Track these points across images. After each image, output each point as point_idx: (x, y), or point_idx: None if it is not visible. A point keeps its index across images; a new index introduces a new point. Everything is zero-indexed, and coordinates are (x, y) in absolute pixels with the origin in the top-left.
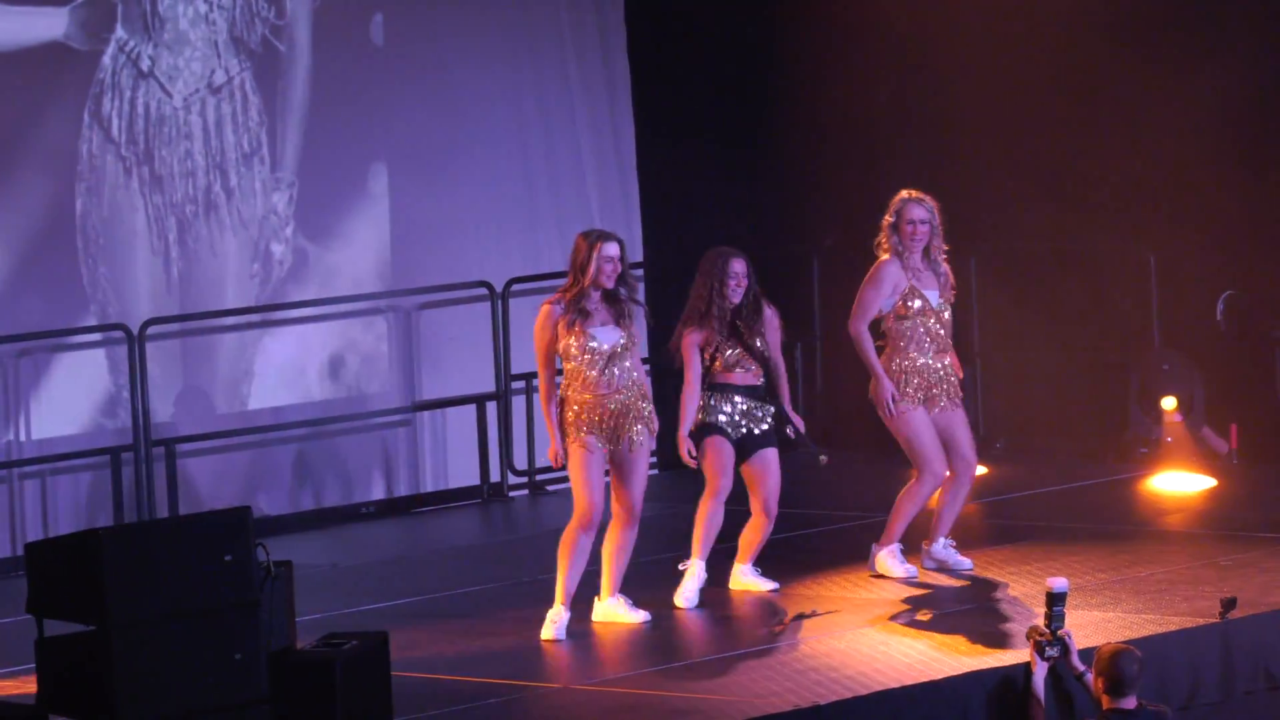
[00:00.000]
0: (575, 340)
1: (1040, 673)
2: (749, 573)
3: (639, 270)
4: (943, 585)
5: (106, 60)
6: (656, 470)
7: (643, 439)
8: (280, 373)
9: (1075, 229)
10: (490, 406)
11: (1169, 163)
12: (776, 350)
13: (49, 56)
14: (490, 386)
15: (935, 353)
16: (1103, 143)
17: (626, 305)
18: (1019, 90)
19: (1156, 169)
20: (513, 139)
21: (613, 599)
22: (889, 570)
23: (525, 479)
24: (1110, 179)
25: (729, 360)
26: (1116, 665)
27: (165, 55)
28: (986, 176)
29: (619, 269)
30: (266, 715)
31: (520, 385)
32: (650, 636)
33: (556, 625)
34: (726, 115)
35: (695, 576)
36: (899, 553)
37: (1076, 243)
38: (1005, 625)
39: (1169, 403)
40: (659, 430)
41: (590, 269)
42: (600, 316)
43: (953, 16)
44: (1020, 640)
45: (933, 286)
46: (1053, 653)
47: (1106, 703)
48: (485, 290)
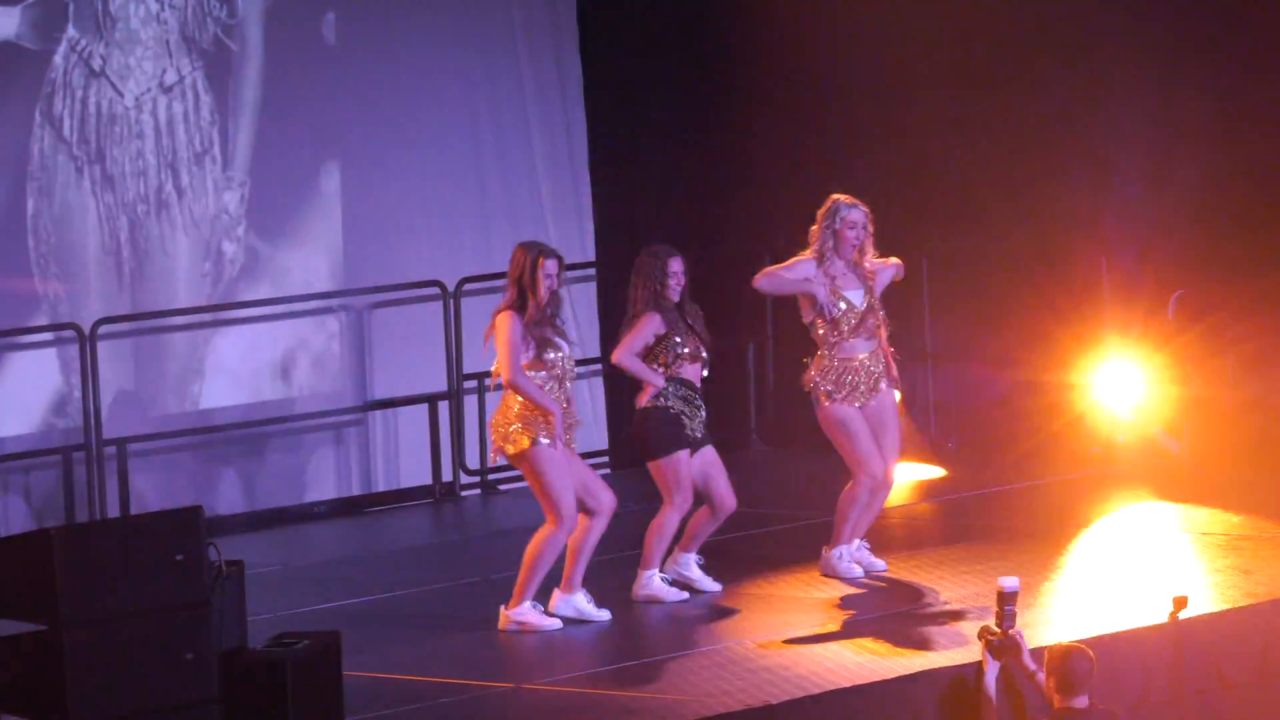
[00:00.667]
0: (537, 355)
1: (992, 672)
2: (690, 564)
3: (590, 269)
4: (895, 585)
5: (58, 60)
6: (609, 469)
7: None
8: (232, 372)
9: (1027, 229)
10: (442, 406)
11: (1119, 163)
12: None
13: (0, 56)
14: (442, 386)
15: (868, 352)
16: (1054, 143)
17: (558, 322)
18: (971, 92)
19: (1107, 169)
20: (465, 138)
21: (580, 593)
22: (836, 572)
23: (477, 478)
24: (1061, 179)
25: (686, 354)
26: (1068, 664)
27: (117, 54)
28: (938, 177)
29: (554, 285)
30: (218, 715)
31: (472, 385)
32: (603, 636)
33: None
34: (679, 114)
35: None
36: (848, 555)
37: (1028, 243)
38: (957, 625)
39: (1122, 402)
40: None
41: (540, 290)
42: (552, 330)
43: (906, 17)
44: (972, 640)
45: (855, 287)
46: (1004, 652)
47: (1058, 702)
48: (437, 290)
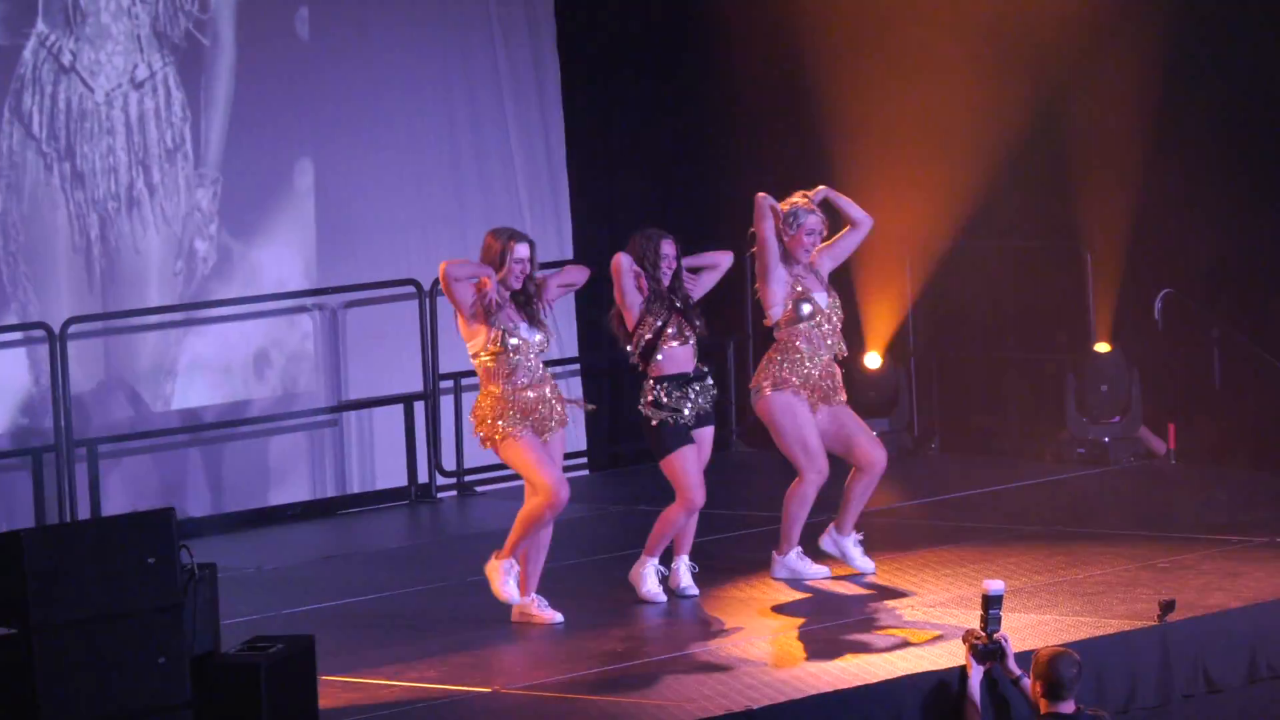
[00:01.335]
0: (491, 335)
1: (976, 676)
2: (684, 566)
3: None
4: (876, 587)
5: (27, 55)
6: (587, 471)
7: (559, 431)
8: (204, 372)
9: (1010, 226)
10: (418, 406)
11: (1104, 159)
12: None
13: None
14: (418, 386)
15: (827, 354)
16: (1037, 139)
17: (537, 307)
18: (952, 86)
19: (1092, 166)
20: (442, 136)
21: (530, 596)
22: (799, 573)
23: (454, 480)
24: (1045, 176)
25: (671, 334)
26: (1054, 669)
27: (87, 49)
28: (919, 174)
29: (528, 270)
30: None
31: (449, 385)
32: (582, 640)
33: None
34: (658, 112)
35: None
36: (803, 555)
37: (1011, 240)
38: (940, 628)
39: (1108, 402)
40: (585, 431)
41: (502, 270)
42: (512, 315)
43: (888, 13)
44: (956, 643)
45: (819, 289)
46: (989, 656)
47: (1044, 707)
48: (413, 288)
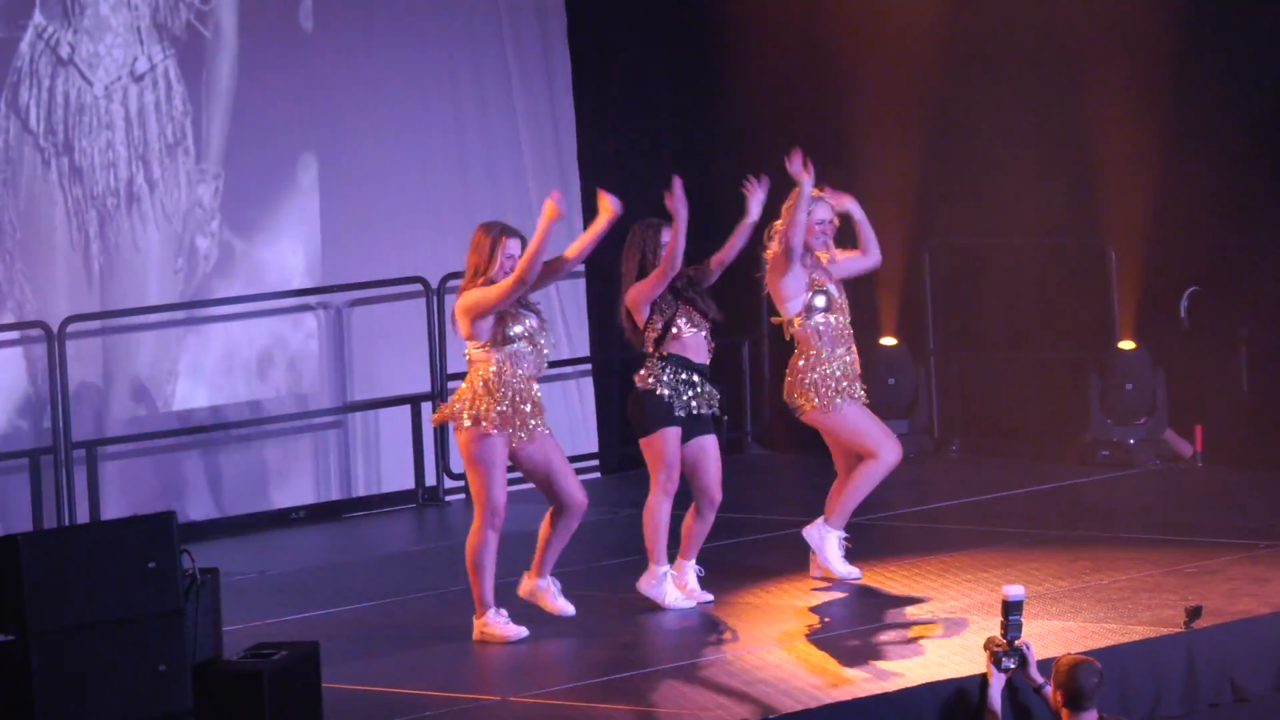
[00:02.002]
0: (498, 326)
1: (997, 685)
2: (688, 572)
3: (579, 267)
4: (895, 593)
5: (24, 47)
6: (599, 474)
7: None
8: (206, 372)
9: (1032, 221)
10: (425, 407)
11: (1129, 152)
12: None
13: None
14: (425, 386)
15: (846, 346)
16: (1059, 131)
17: (531, 304)
18: (972, 80)
19: (1115, 158)
20: (449, 129)
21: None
22: (831, 558)
23: (462, 482)
24: (1067, 169)
25: (682, 326)
26: (1076, 677)
27: (85, 42)
28: (940, 168)
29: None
30: None
31: (456, 385)
32: (593, 647)
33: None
34: (673, 103)
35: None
36: (842, 543)
37: (1033, 236)
38: (960, 635)
39: (1131, 403)
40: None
41: (494, 268)
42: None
43: (910, 5)
44: (976, 651)
45: (830, 281)
46: (1010, 664)
47: (1066, 716)
48: (420, 286)
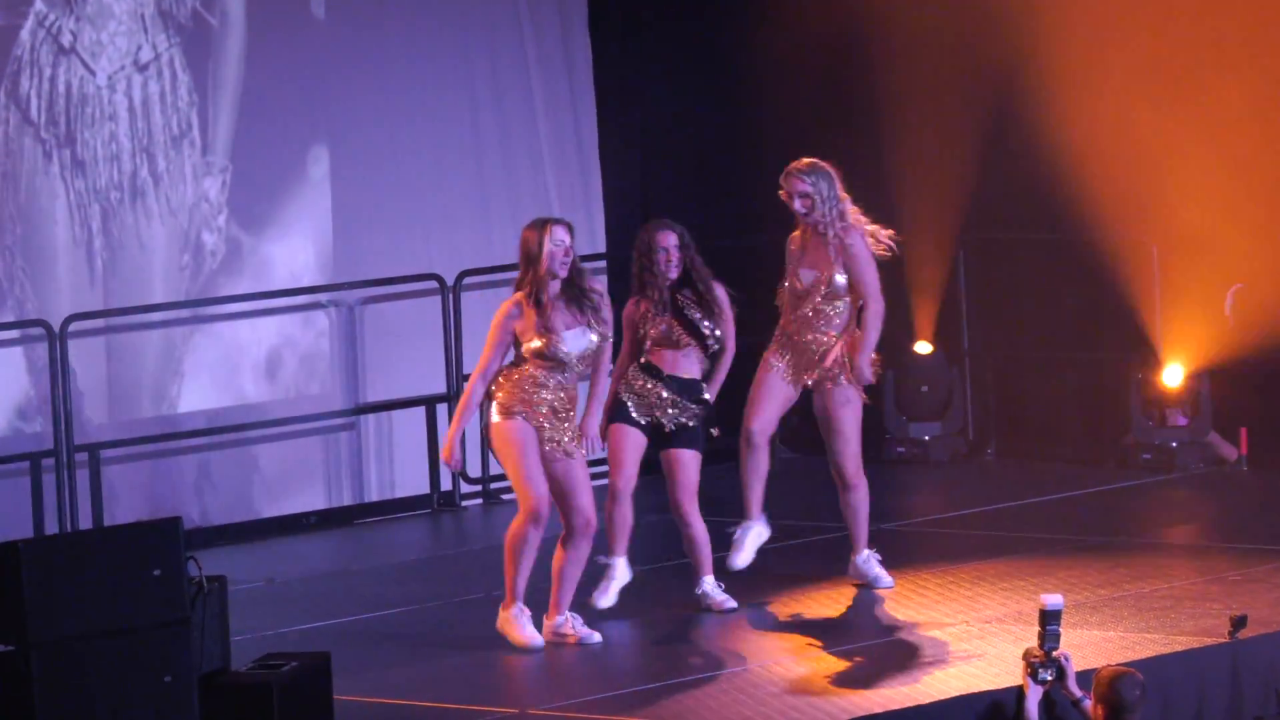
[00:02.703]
0: (541, 342)
1: (1034, 697)
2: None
3: (601, 262)
4: (928, 603)
5: (24, 35)
6: None
7: (575, 444)
8: (213, 373)
9: (1070, 217)
10: (441, 409)
11: (1173, 145)
12: (730, 339)
13: None
14: (441, 388)
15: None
16: (1100, 123)
17: (590, 299)
18: (1008, 66)
19: (1159, 151)
20: (465, 120)
21: (561, 616)
22: (873, 576)
23: (479, 488)
24: (1108, 163)
25: (656, 336)
26: (1117, 690)
27: (88, 30)
28: (975, 161)
29: (571, 255)
30: None
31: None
32: (613, 658)
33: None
34: (698, 94)
35: (614, 578)
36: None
37: (1072, 231)
38: (996, 646)
39: (1174, 405)
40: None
41: (544, 263)
42: (564, 318)
43: None
44: (1012, 662)
45: (812, 266)
46: (1047, 675)
47: None
48: (435, 283)
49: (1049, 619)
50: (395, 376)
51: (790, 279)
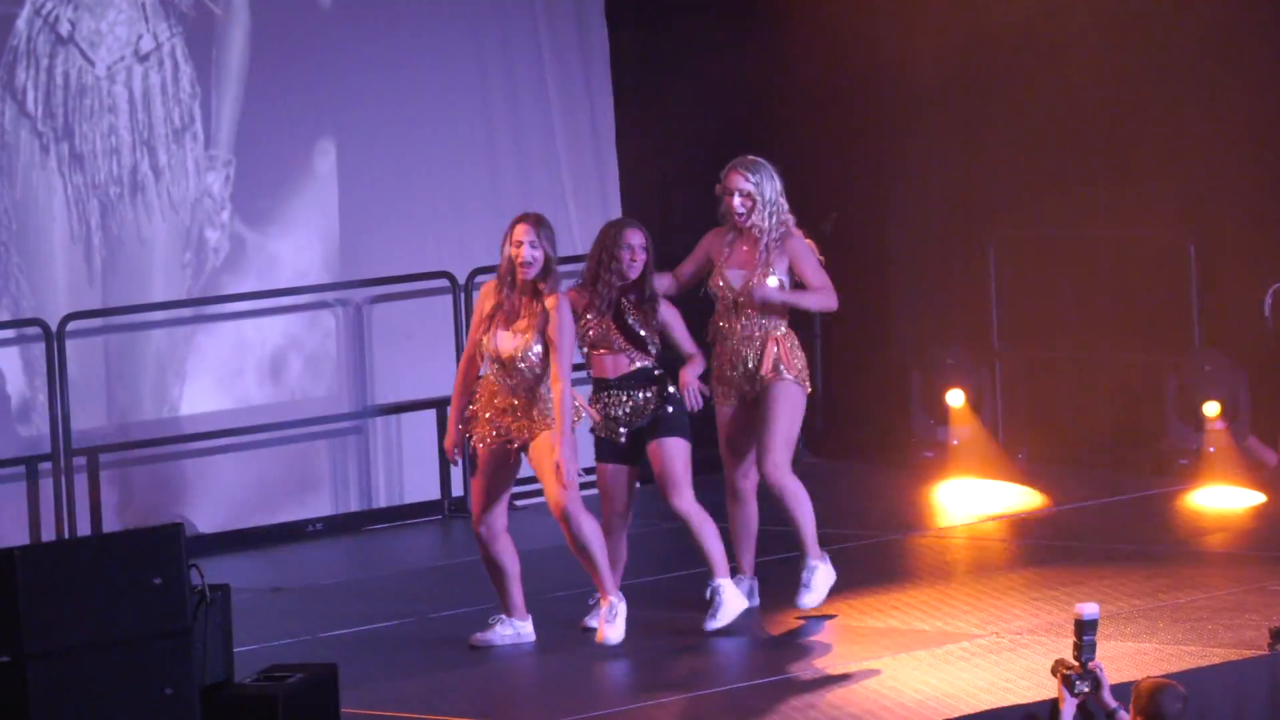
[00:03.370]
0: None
1: (1068, 711)
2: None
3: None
4: (957, 613)
5: (21, 24)
6: (637, 484)
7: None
8: (215, 374)
9: (1104, 214)
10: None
11: (1210, 140)
12: (688, 342)
13: None
14: (452, 389)
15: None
16: (1136, 117)
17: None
18: (1041, 58)
19: (1196, 146)
20: (476, 112)
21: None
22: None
23: None
24: (1144, 158)
25: (594, 338)
26: (1159, 702)
27: (86, 18)
28: (1005, 155)
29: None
30: None
31: None
32: (631, 670)
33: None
34: (717, 87)
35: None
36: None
37: (1106, 229)
38: (1027, 658)
39: (1212, 408)
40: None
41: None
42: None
43: None
44: (1045, 674)
45: (740, 267)
46: (1083, 688)
47: None
48: (446, 282)
49: (1085, 629)
50: (404, 378)
51: (715, 281)
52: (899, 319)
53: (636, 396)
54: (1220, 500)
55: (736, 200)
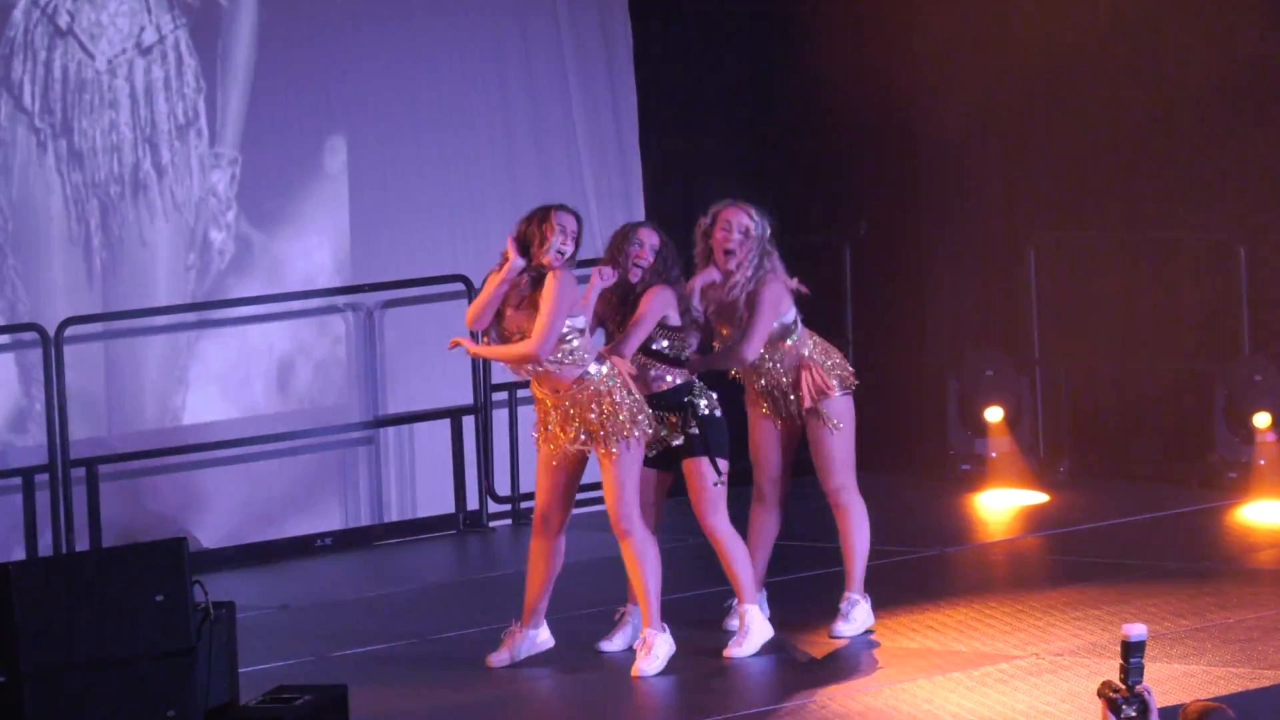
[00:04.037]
0: None
1: None
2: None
3: None
4: (996, 633)
5: (18, 15)
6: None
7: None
8: (220, 382)
9: (1150, 217)
10: (467, 422)
11: (1260, 141)
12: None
13: None
14: (467, 399)
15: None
16: (1182, 119)
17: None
18: (1083, 58)
19: (1245, 148)
20: (494, 109)
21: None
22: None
23: (508, 506)
24: (1190, 156)
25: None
26: None
27: (86, 10)
28: (1046, 157)
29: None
30: None
31: (502, 397)
32: (651, 691)
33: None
34: (744, 86)
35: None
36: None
37: (1151, 233)
38: (1070, 680)
39: (1262, 419)
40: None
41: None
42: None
43: None
44: (1089, 697)
45: (728, 321)
46: (1130, 712)
47: None
48: (461, 285)
49: (1132, 650)
50: (418, 386)
51: (718, 331)
52: (936, 324)
53: (668, 416)
54: (1271, 515)
55: (736, 235)
